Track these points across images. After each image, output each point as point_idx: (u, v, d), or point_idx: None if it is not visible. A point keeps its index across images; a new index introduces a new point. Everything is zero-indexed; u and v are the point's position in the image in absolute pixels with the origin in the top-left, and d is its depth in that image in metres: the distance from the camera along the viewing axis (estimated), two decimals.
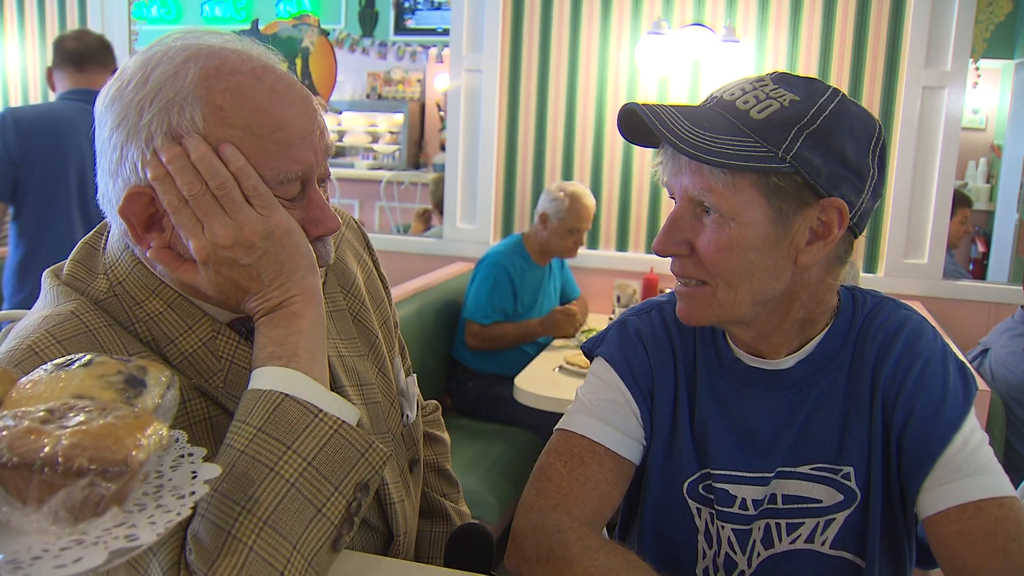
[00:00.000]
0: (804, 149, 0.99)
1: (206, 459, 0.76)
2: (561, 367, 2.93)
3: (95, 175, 0.96)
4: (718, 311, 1.07)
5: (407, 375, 1.27)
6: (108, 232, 1.02)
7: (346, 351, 1.13)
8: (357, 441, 0.90)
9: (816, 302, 1.10)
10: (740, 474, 1.14)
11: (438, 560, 1.29)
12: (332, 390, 1.02)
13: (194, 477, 0.72)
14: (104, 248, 1.01)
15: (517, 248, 3.47)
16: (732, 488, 1.14)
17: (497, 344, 3.37)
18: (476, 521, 1.31)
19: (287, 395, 0.88)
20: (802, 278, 1.07)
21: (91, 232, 1.04)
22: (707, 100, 1.08)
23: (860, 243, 3.62)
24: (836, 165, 1.01)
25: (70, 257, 1.01)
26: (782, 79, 1.05)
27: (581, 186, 3.48)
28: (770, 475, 1.12)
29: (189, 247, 0.91)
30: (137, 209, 0.91)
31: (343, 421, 0.90)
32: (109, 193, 0.94)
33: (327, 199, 1.01)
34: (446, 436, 1.46)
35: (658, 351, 1.20)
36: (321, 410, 0.89)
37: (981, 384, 2.50)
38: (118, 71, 0.93)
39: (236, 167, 0.90)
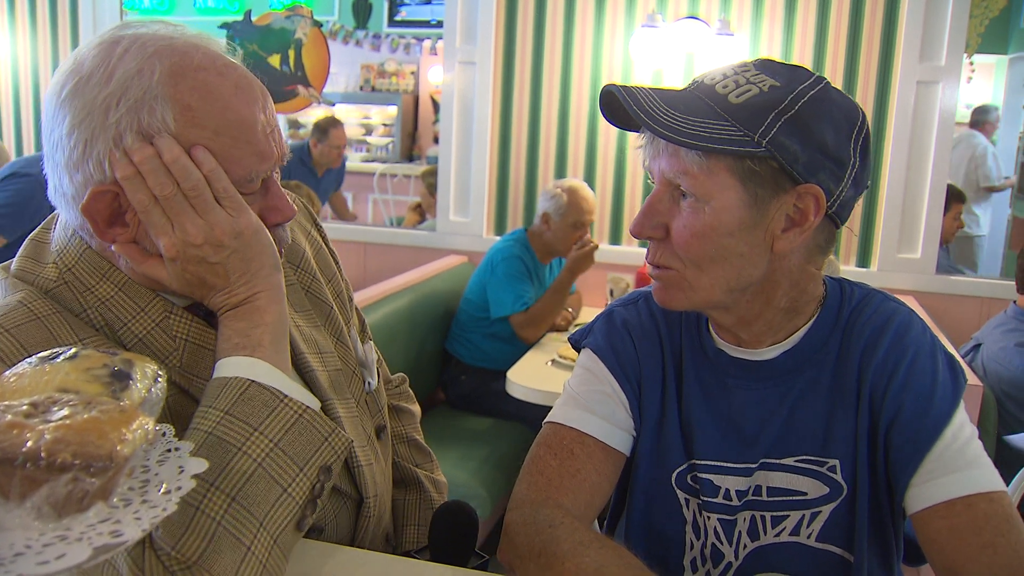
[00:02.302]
0: (781, 134, 0.98)
1: None
2: (554, 360, 2.93)
3: None
4: (690, 294, 1.06)
5: (364, 343, 1.28)
6: (55, 225, 1.02)
7: (302, 322, 1.14)
8: (321, 426, 0.92)
9: (799, 291, 1.10)
10: (724, 464, 1.13)
11: (413, 527, 1.31)
12: (293, 357, 1.05)
13: (181, 472, 0.72)
14: (51, 240, 1.01)
15: (523, 242, 3.45)
16: (716, 478, 1.14)
17: (546, 320, 3.30)
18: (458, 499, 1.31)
19: (253, 381, 0.90)
20: (781, 265, 1.06)
21: (38, 228, 1.04)
22: (689, 84, 1.08)
23: (852, 237, 3.63)
24: (814, 152, 0.99)
25: (19, 253, 1.01)
26: (765, 65, 1.04)
27: (578, 180, 3.47)
28: (754, 466, 1.12)
29: (158, 244, 0.92)
30: (101, 207, 0.91)
31: (307, 406, 0.92)
32: (64, 187, 0.93)
33: (280, 187, 1.03)
34: (415, 408, 1.47)
35: (645, 341, 1.19)
36: (287, 395, 0.91)
37: (974, 379, 2.51)
38: (73, 63, 0.91)
39: (208, 169, 0.91)
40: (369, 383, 1.23)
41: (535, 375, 2.80)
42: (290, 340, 1.07)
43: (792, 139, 0.98)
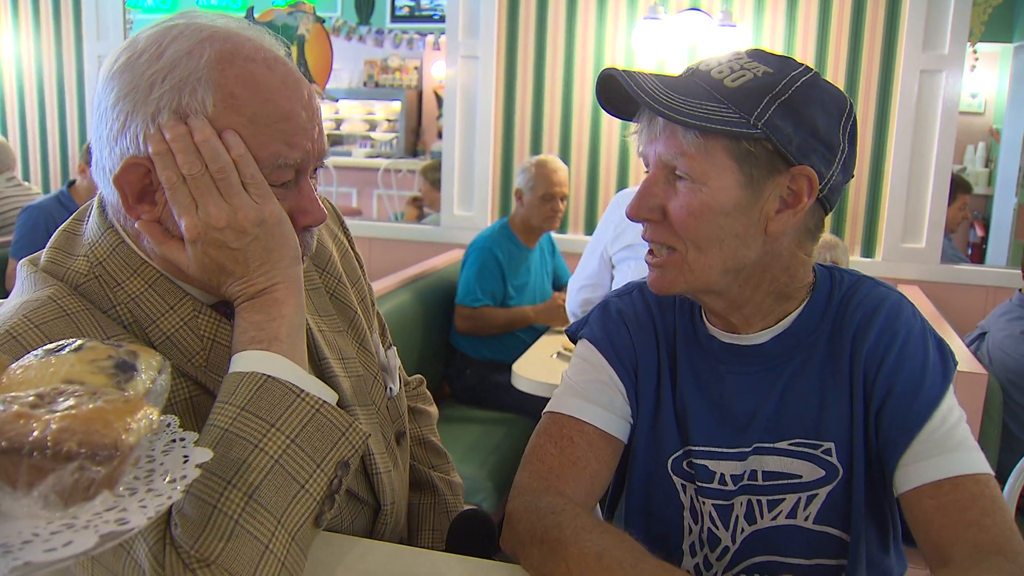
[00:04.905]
0: (775, 117, 1.01)
1: None
2: (559, 353, 2.93)
3: None
4: (689, 277, 1.08)
5: (386, 349, 1.28)
6: (88, 217, 1.03)
7: (326, 327, 1.14)
8: (338, 421, 0.92)
9: (789, 276, 1.12)
10: (718, 450, 1.15)
11: (428, 531, 1.32)
12: (315, 362, 1.05)
13: (185, 461, 0.72)
14: (84, 232, 1.01)
15: (503, 231, 3.48)
16: (711, 464, 1.15)
17: (486, 328, 3.38)
18: (476, 507, 1.31)
19: (269, 376, 0.89)
20: (773, 248, 1.08)
21: (69, 219, 1.04)
22: (685, 71, 1.10)
23: (857, 227, 3.62)
24: (806, 135, 1.03)
25: (48, 245, 1.01)
26: (757, 54, 1.08)
27: (550, 155, 3.52)
28: (747, 450, 1.14)
29: (180, 224, 0.92)
30: (132, 180, 0.92)
31: (324, 401, 0.91)
32: (103, 160, 0.94)
33: (316, 192, 1.02)
34: (432, 409, 1.47)
35: (640, 330, 1.22)
36: (303, 390, 0.90)
37: (979, 368, 2.50)
38: (129, 41, 0.94)
39: (237, 154, 0.91)
40: (391, 389, 1.22)
41: (540, 368, 2.80)
42: (313, 345, 1.07)
43: (786, 122, 1.01)
